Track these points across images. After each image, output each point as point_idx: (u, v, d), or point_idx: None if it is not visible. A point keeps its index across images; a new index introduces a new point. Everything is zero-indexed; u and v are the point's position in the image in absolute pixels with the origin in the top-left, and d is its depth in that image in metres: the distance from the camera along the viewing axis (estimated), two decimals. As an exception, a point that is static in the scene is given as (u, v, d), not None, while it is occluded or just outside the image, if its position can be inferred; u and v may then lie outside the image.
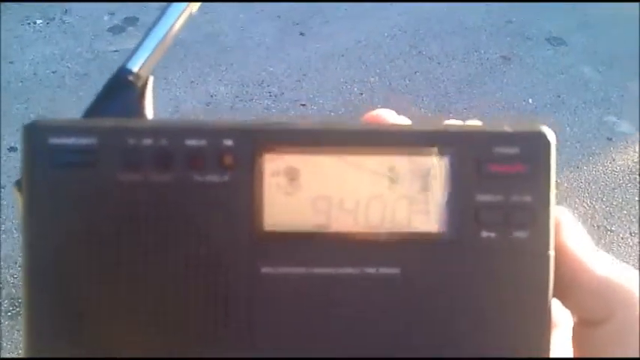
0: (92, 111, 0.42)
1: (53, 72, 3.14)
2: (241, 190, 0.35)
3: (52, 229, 0.34)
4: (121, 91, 0.43)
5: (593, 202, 2.49)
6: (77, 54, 3.27)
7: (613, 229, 2.38)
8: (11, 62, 3.19)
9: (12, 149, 2.67)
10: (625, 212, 2.45)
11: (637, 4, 3.50)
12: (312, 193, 0.35)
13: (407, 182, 0.35)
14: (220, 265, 0.34)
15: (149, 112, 0.43)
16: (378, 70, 3.17)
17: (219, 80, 3.09)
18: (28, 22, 3.47)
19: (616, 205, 2.48)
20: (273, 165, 0.35)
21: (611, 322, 0.34)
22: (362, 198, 0.35)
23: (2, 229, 2.28)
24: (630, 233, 2.36)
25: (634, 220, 2.42)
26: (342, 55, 3.26)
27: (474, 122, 0.39)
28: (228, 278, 0.34)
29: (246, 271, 0.34)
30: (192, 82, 3.07)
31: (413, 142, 0.36)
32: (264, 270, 0.35)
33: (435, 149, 0.35)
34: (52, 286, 0.34)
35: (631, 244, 2.33)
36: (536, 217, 0.35)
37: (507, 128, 0.36)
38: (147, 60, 0.44)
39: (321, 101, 2.96)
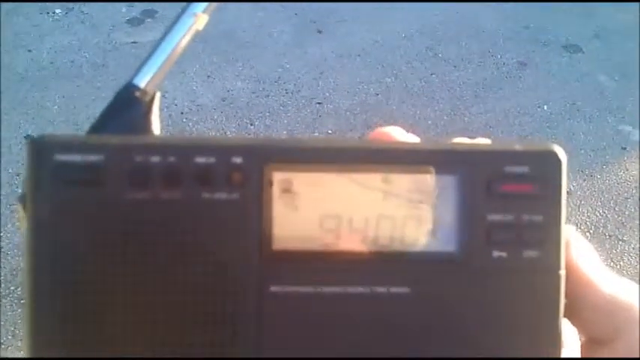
0: (98, 127, 0.41)
1: (71, 62, 3.15)
2: (250, 208, 0.34)
3: (57, 246, 0.33)
4: (128, 106, 0.42)
5: (606, 211, 2.49)
6: (95, 44, 3.28)
7: (625, 238, 2.38)
8: (29, 50, 3.20)
9: (28, 137, 2.68)
10: (637, 222, 2.44)
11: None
12: (320, 212, 0.35)
13: (417, 201, 0.35)
14: (229, 283, 0.34)
15: (156, 128, 0.43)
16: (394, 71, 3.17)
17: (237, 76, 3.10)
18: (47, 11, 3.48)
19: (628, 215, 2.48)
20: (282, 183, 0.35)
21: (619, 341, 0.35)
22: (371, 217, 0.35)
23: (17, 216, 2.28)
24: (642, 243, 2.36)
25: (646, 230, 2.42)
26: (359, 55, 3.27)
27: (483, 140, 0.38)
28: (236, 296, 0.34)
29: (255, 289, 0.34)
30: (209, 76, 3.07)
31: (422, 160, 0.35)
32: (273, 288, 0.34)
33: (445, 168, 0.35)
34: (57, 304, 0.33)
35: (642, 254, 2.33)
36: (547, 236, 0.35)
37: (518, 147, 0.36)
38: (153, 76, 0.44)
39: (337, 100, 2.96)
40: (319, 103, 2.95)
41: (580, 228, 2.40)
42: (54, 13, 3.48)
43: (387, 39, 3.38)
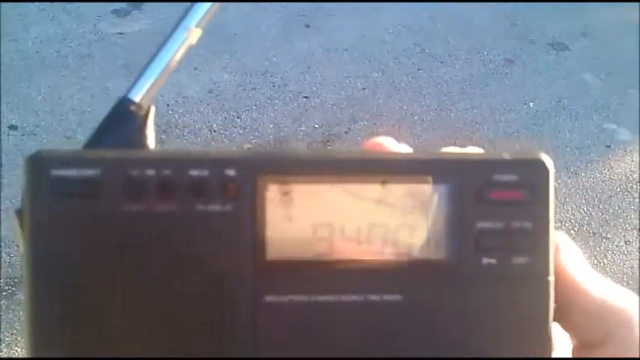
0: (94, 141, 0.40)
1: (57, 52, 3.13)
2: (244, 219, 0.35)
3: (55, 260, 0.34)
4: (123, 121, 0.42)
5: (590, 209, 2.51)
6: (80, 35, 3.26)
7: (608, 236, 2.40)
8: (14, 40, 3.17)
9: (12, 127, 2.66)
10: (621, 220, 2.47)
11: (638, 11, 3.53)
12: (313, 222, 0.36)
13: (408, 210, 0.36)
14: (224, 294, 0.34)
15: (151, 142, 0.43)
16: (381, 66, 3.17)
17: (223, 68, 3.09)
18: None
19: (612, 213, 2.50)
20: (276, 194, 0.35)
21: (609, 344, 0.35)
22: (363, 226, 0.36)
23: (1, 208, 2.27)
24: (625, 242, 2.38)
25: (629, 228, 2.44)
26: (346, 50, 3.26)
27: (474, 149, 0.39)
28: (232, 307, 0.34)
29: (249, 299, 0.35)
30: (195, 68, 3.06)
31: (413, 170, 0.36)
32: (268, 298, 0.35)
33: (435, 177, 0.36)
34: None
35: (625, 252, 2.35)
36: (536, 243, 0.36)
37: (506, 156, 0.36)
38: (148, 90, 0.44)
39: (323, 94, 2.96)
40: (306, 97, 2.95)
41: (564, 225, 2.42)
42: (39, 2, 3.44)
43: (374, 34, 3.38)
